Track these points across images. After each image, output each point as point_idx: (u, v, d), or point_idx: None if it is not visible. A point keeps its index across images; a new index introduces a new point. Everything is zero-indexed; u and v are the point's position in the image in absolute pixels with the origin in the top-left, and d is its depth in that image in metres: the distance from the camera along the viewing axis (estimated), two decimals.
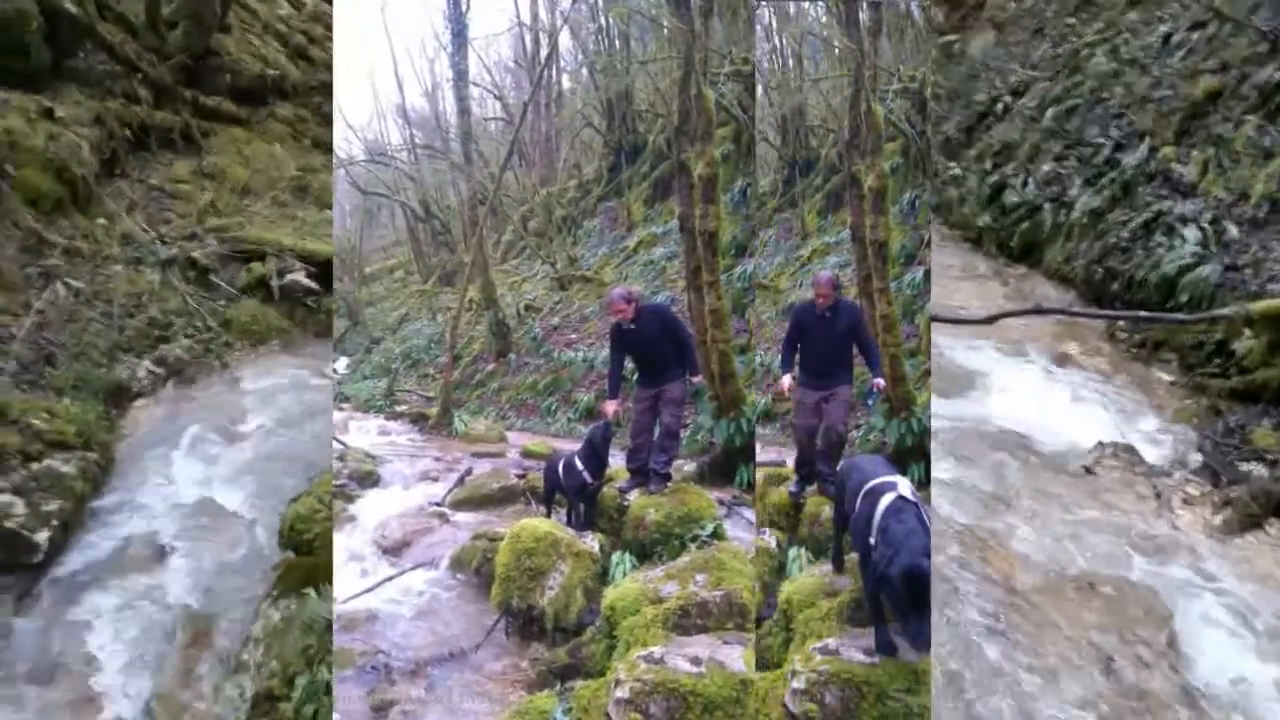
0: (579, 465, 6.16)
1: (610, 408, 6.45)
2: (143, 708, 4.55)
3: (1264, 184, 8.34)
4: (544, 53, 19.65)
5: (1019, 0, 15.68)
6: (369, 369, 17.20)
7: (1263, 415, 6.68)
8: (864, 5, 8.52)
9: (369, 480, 8.20)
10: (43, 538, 5.43)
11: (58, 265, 8.21)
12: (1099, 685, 4.42)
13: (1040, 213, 10.67)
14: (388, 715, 4.49)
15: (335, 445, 7.89)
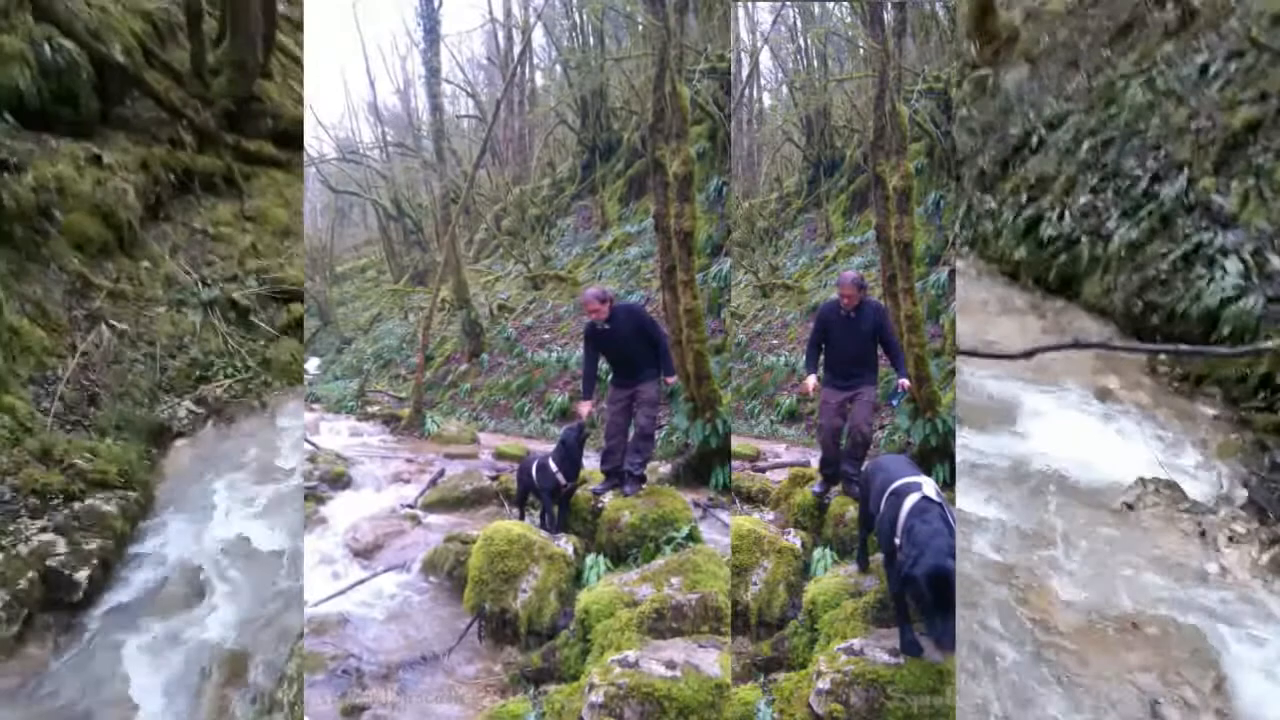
0: (553, 467, 6.12)
1: (584, 409, 6.41)
2: None
3: None
4: (517, 49, 19.65)
5: (1053, 33, 15.64)
6: (340, 369, 17.15)
7: None
8: (889, 6, 8.54)
9: (340, 482, 8.15)
10: (83, 576, 5.51)
11: (103, 308, 8.40)
12: None
13: (1077, 245, 10.56)
14: (359, 719, 4.47)
15: (306, 447, 7.90)
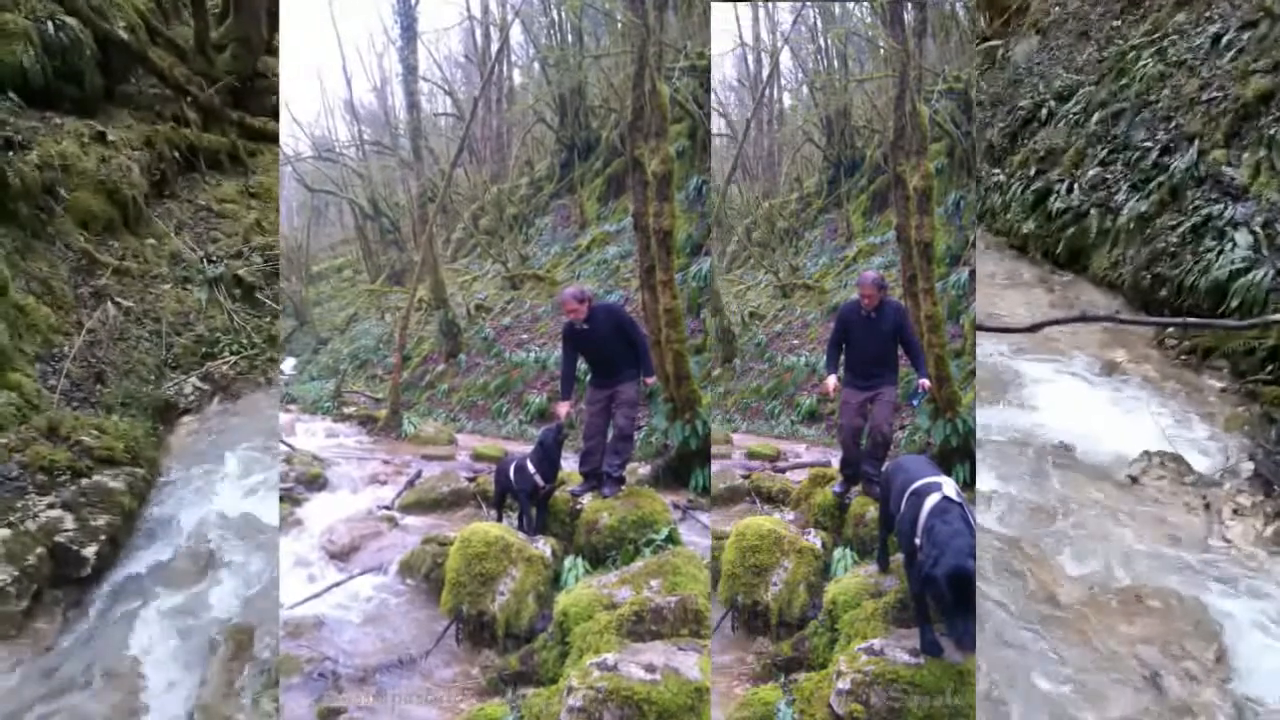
0: (530, 468, 6.06)
1: (562, 409, 6.35)
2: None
3: None
4: (495, 47, 19.27)
5: (1063, 4, 15.47)
6: (316, 370, 16.91)
7: None
8: (909, 5, 8.46)
9: (316, 483, 8.04)
10: (91, 552, 5.54)
11: (108, 285, 8.42)
12: (1145, 700, 4.31)
13: (1086, 218, 10.49)
14: None
15: (281, 448, 7.88)
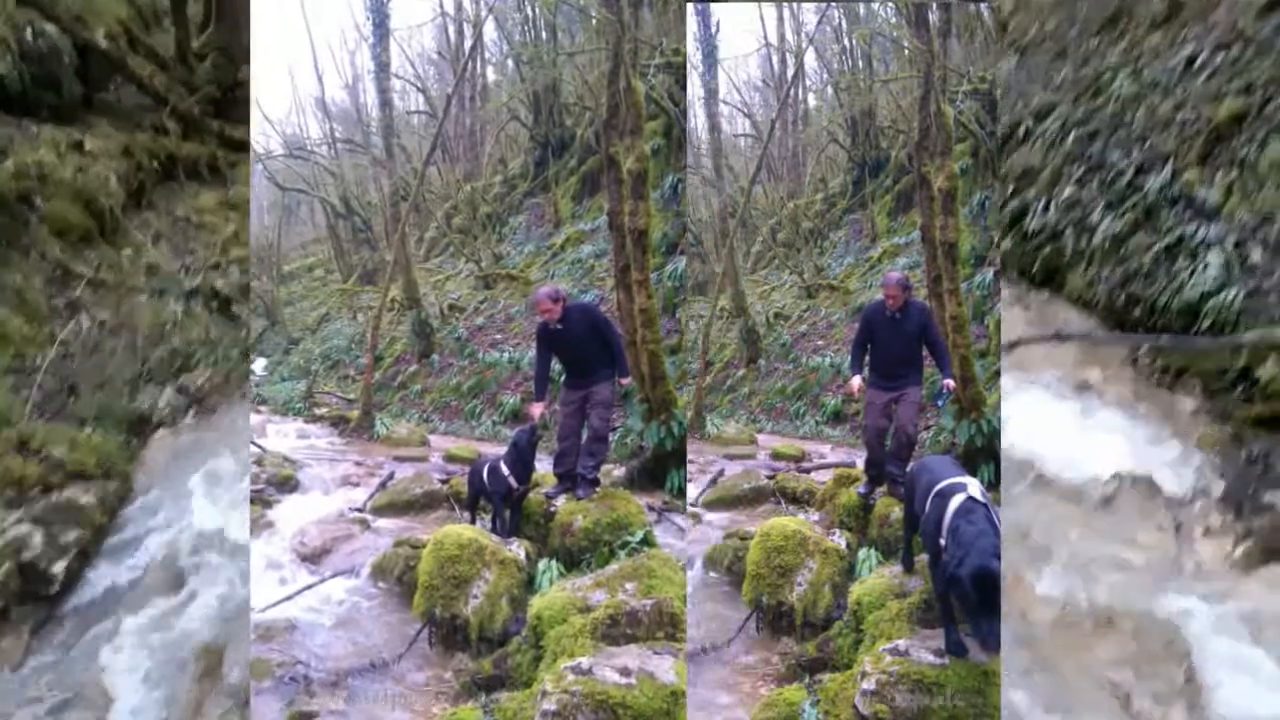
0: (504, 470, 6.05)
1: (536, 410, 6.34)
2: None
3: None
4: (468, 44, 19.19)
5: (1042, 23, 15.59)
6: (287, 370, 16.86)
7: None
8: (934, 6, 8.48)
9: (287, 485, 8.03)
10: (59, 568, 5.47)
11: (83, 296, 8.34)
12: None
13: (1062, 238, 10.54)
14: None
15: (252, 449, 7.81)
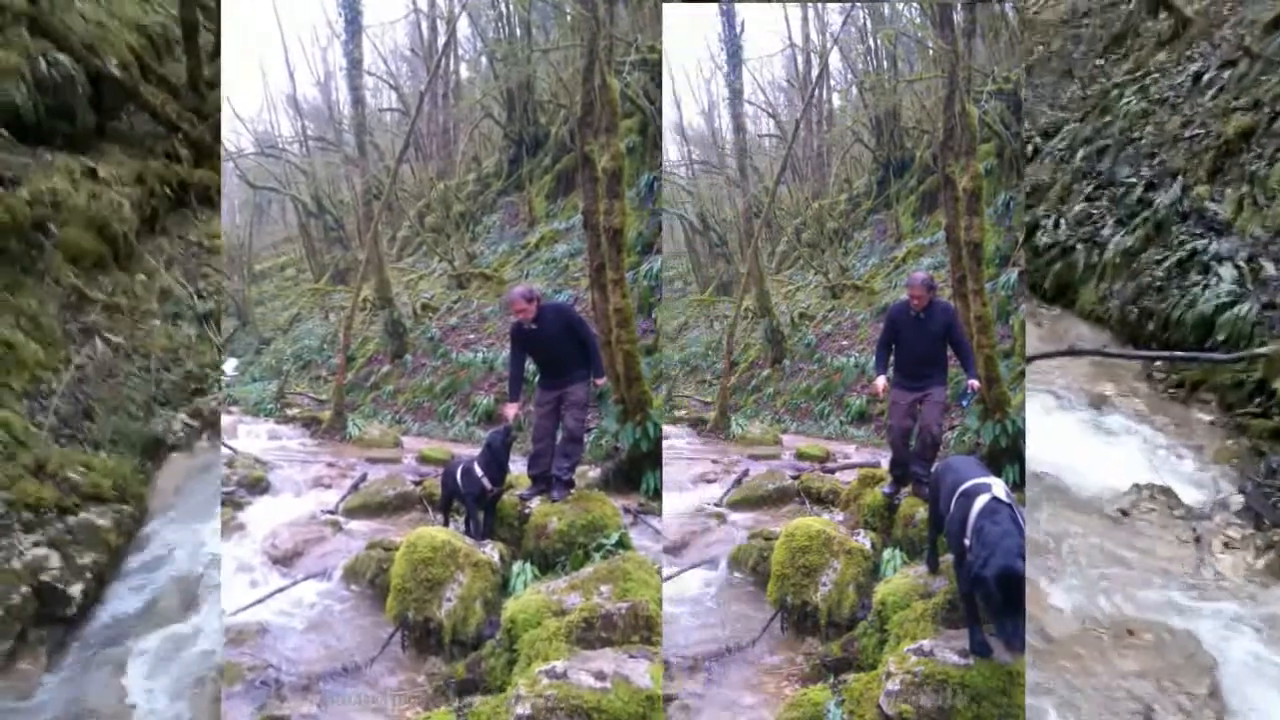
0: (478, 471, 5.93)
1: (510, 411, 6.21)
2: None
3: None
4: (441, 41, 18.93)
5: (1047, 43, 15.70)
6: (259, 370, 16.57)
7: None
8: (958, 6, 8.48)
9: (259, 487, 7.84)
10: (76, 590, 5.48)
11: (97, 321, 8.39)
12: None
13: (1073, 253, 10.58)
14: None
15: (224, 450, 7.72)
